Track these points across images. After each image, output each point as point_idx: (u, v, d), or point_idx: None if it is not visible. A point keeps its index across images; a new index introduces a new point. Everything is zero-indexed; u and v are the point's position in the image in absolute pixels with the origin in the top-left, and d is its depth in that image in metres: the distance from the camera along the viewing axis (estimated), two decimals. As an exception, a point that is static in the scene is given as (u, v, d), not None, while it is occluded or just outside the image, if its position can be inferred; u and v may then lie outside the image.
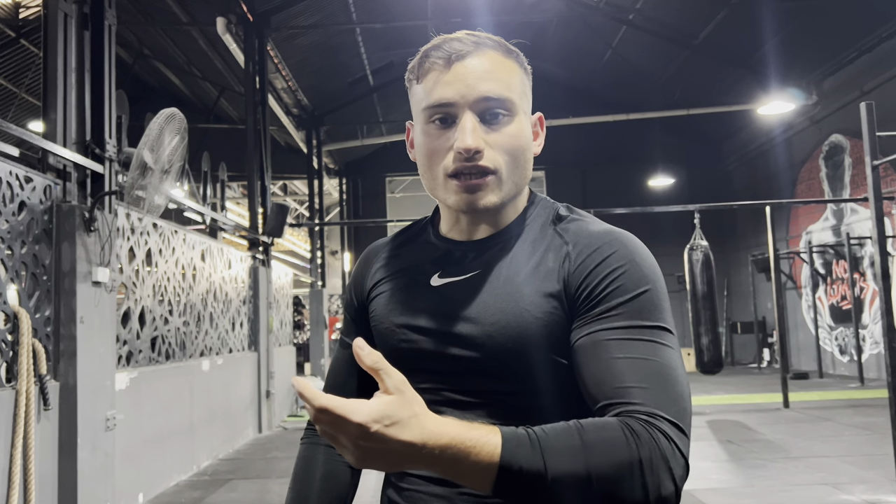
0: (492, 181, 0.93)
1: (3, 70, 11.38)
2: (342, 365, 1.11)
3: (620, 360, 0.82)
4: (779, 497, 4.61)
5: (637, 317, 0.85)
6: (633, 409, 0.78)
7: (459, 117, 0.92)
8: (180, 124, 4.11)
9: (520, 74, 0.99)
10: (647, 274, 0.89)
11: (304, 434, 1.13)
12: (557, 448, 0.72)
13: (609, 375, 0.82)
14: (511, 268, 0.95)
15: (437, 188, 0.96)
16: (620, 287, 0.87)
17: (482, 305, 0.93)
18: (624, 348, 0.83)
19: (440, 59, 0.94)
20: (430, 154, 0.96)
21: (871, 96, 10.18)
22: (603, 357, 0.83)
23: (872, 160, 4.62)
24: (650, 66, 13.97)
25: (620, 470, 0.72)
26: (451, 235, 1.02)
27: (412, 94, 1.01)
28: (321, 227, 14.44)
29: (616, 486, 0.72)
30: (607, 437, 0.74)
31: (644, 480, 0.72)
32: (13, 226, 3.69)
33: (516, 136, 0.95)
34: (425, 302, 0.98)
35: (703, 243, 8.00)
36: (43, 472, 3.76)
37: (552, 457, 0.72)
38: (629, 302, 0.86)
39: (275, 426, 8.51)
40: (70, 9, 4.32)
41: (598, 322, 0.86)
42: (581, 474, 0.71)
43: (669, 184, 16.22)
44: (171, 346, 5.86)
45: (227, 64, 11.95)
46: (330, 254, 17.67)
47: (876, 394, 9.39)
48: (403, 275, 1.04)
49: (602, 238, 0.92)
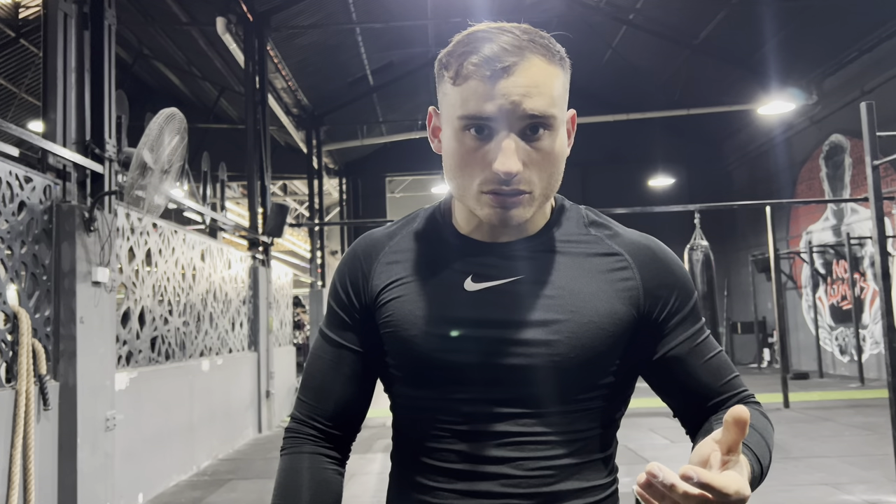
0: (525, 199, 0.90)
1: (3, 70, 11.38)
2: (333, 367, 1.02)
3: (710, 361, 0.99)
4: (779, 497, 4.61)
5: (698, 319, 1.00)
6: (743, 395, 1.00)
7: (498, 132, 0.88)
8: (180, 124, 4.11)
9: (562, 79, 0.94)
10: (690, 279, 1.02)
11: (283, 444, 1.04)
12: (754, 445, 0.88)
13: (711, 376, 0.98)
14: (560, 274, 0.94)
15: (468, 198, 0.92)
16: (684, 297, 0.99)
17: (536, 311, 0.92)
18: (706, 350, 0.99)
19: (484, 68, 0.87)
20: (463, 164, 0.91)
21: (872, 96, 10.17)
22: (698, 363, 0.98)
23: (872, 160, 4.62)
24: (650, 66, 13.97)
25: (773, 438, 0.96)
26: (475, 236, 0.98)
27: (443, 90, 0.93)
28: (321, 227, 14.44)
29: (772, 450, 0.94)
30: (763, 423, 0.94)
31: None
32: (13, 226, 3.69)
33: (556, 154, 0.92)
34: (462, 308, 0.94)
35: (703, 243, 8.00)
36: (43, 472, 3.76)
37: (760, 455, 0.88)
38: (692, 308, 1.00)
39: (275, 426, 8.51)
40: (70, 9, 4.32)
41: (678, 332, 0.98)
42: (769, 454, 0.91)
43: (669, 184, 16.21)
44: (171, 346, 5.85)
45: (227, 64, 11.95)
46: (330, 254, 17.67)
47: (876, 394, 9.39)
48: (427, 277, 0.97)
49: (654, 250, 1.00)
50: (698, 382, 0.98)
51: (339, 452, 1.04)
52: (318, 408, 1.02)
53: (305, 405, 1.03)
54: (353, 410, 1.04)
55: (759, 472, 0.85)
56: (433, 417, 0.95)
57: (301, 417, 1.03)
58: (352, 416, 1.04)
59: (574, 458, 0.93)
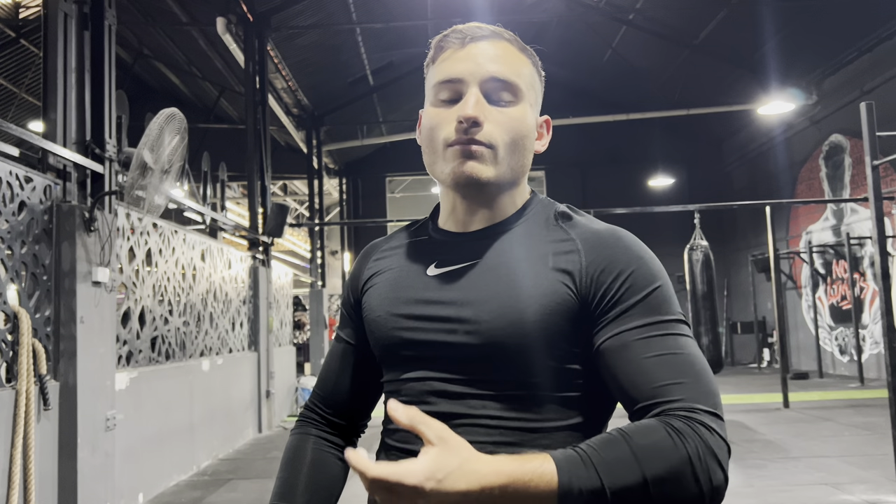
0: (487, 153, 0.93)
1: (3, 70, 11.38)
2: (336, 359, 1.12)
3: (650, 360, 0.85)
4: (779, 497, 4.61)
5: (655, 312, 0.88)
6: (671, 406, 0.80)
7: (465, 93, 0.95)
8: (180, 124, 4.11)
9: (530, 69, 1.00)
10: (656, 271, 0.92)
11: (294, 426, 1.14)
12: (611, 462, 0.74)
13: (642, 377, 0.84)
14: (511, 256, 0.95)
15: (436, 161, 0.97)
16: (634, 286, 0.89)
17: (480, 292, 0.93)
18: (650, 346, 0.85)
19: (456, 40, 0.98)
20: (432, 128, 0.97)
21: (871, 96, 10.17)
22: (632, 359, 0.85)
23: (872, 160, 4.62)
24: (650, 66, 13.97)
25: (673, 470, 0.74)
26: (448, 227, 1.03)
27: (428, 77, 1.02)
28: (321, 227, 14.44)
29: (672, 486, 0.74)
30: (655, 440, 0.76)
31: (696, 475, 0.75)
32: (13, 226, 3.69)
33: (518, 119, 0.96)
34: (420, 291, 0.98)
35: (703, 243, 8.00)
36: (43, 472, 3.76)
37: (607, 472, 0.73)
38: (645, 299, 0.88)
39: (275, 426, 8.51)
40: (70, 9, 4.32)
41: (618, 323, 0.88)
42: (638, 483, 0.73)
43: (669, 184, 16.22)
44: (171, 346, 5.86)
45: (227, 64, 11.95)
46: (330, 254, 17.67)
47: (876, 394, 9.39)
48: (399, 267, 1.04)
49: (609, 237, 0.94)
50: (628, 380, 0.85)
51: (342, 439, 1.11)
52: (323, 397, 1.12)
53: (315, 394, 1.14)
54: (354, 399, 1.11)
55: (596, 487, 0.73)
56: (394, 398, 0.98)
57: (310, 405, 1.14)
58: (354, 405, 1.11)
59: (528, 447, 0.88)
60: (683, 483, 0.75)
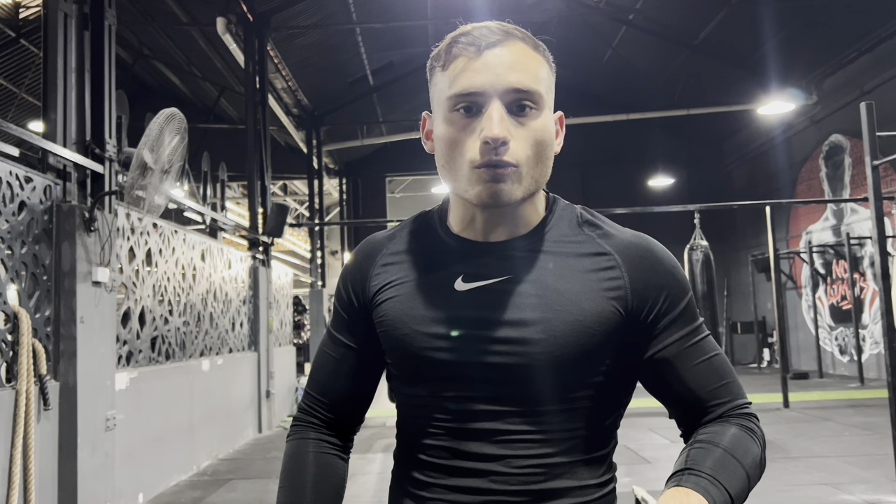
0: (514, 173, 0.90)
1: (3, 70, 11.38)
2: (336, 363, 1.07)
3: (700, 365, 0.96)
4: (779, 497, 4.61)
5: (692, 320, 0.97)
6: (729, 407, 0.95)
7: (487, 106, 0.90)
8: (180, 124, 4.11)
9: (546, 69, 0.96)
10: (683, 280, 0.99)
11: (289, 431, 1.10)
12: (727, 475, 0.87)
13: (699, 381, 0.95)
14: (547, 272, 0.94)
15: (459, 179, 0.92)
16: (674, 297, 0.96)
17: (524, 310, 0.92)
18: (697, 353, 0.96)
19: (470, 46, 0.92)
20: (452, 143, 0.92)
21: (871, 96, 10.17)
22: (687, 366, 0.95)
23: (872, 160, 4.62)
24: (650, 66, 13.97)
25: (760, 462, 0.93)
26: (466, 235, 0.99)
27: (434, 82, 0.96)
28: (321, 227, 14.44)
29: (759, 472, 0.93)
30: (746, 446, 0.91)
31: (764, 457, 0.94)
32: (13, 226, 3.69)
33: (542, 130, 0.92)
34: (452, 307, 0.95)
35: (703, 243, 8.00)
36: (43, 472, 3.76)
37: (729, 484, 0.86)
38: (684, 309, 0.97)
39: (275, 426, 8.51)
40: (70, 9, 4.32)
41: (667, 334, 0.95)
42: (745, 481, 0.88)
43: (669, 184, 16.22)
44: (171, 346, 5.86)
45: (227, 64, 11.96)
46: (330, 254, 17.68)
47: (876, 394, 9.39)
48: (419, 277, 0.99)
49: (643, 250, 0.97)
50: (685, 387, 0.95)
51: (340, 440, 1.10)
52: (321, 400, 1.09)
53: (310, 396, 1.10)
54: (353, 403, 1.09)
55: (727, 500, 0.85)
56: (426, 414, 0.97)
57: (306, 407, 1.10)
58: (353, 408, 1.10)
59: (564, 456, 0.93)
60: (762, 466, 0.93)
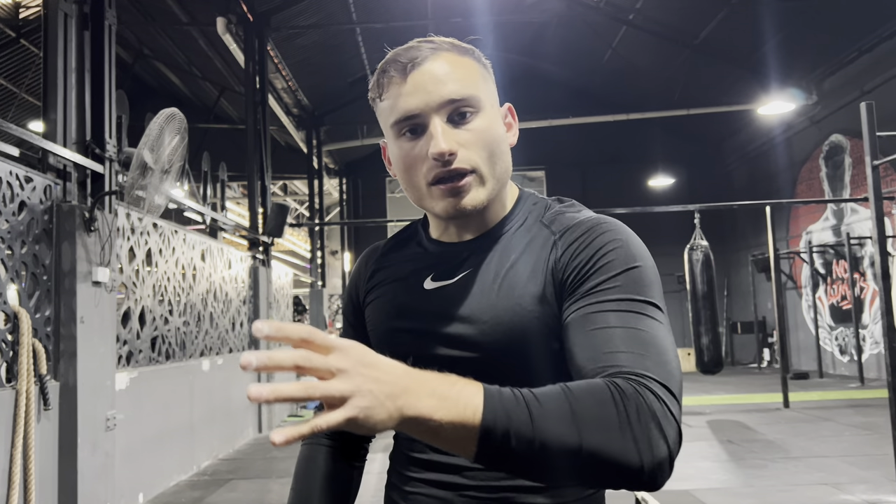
0: (473, 180, 0.92)
1: (3, 70, 11.38)
2: None
3: (610, 329, 0.80)
4: (779, 497, 4.61)
5: (627, 291, 0.83)
6: (620, 370, 0.74)
7: (428, 124, 0.91)
8: (180, 124, 4.11)
9: (478, 69, 0.96)
10: (636, 253, 0.87)
11: None
12: (547, 411, 0.67)
13: (598, 342, 0.79)
14: (500, 264, 0.95)
15: (423, 198, 0.95)
16: (609, 264, 0.86)
17: (475, 305, 0.93)
18: (614, 319, 0.81)
19: (396, 72, 0.92)
20: (407, 167, 0.94)
21: (871, 96, 10.18)
22: (592, 327, 0.81)
23: (872, 160, 4.62)
24: (650, 66, 13.97)
25: (609, 429, 0.67)
26: (443, 239, 1.03)
27: (379, 112, 0.98)
28: (321, 227, 14.44)
29: (607, 445, 0.67)
30: (597, 397, 0.69)
31: (634, 436, 0.68)
32: (13, 226, 3.69)
33: (486, 129, 0.93)
34: (418, 305, 0.98)
35: (703, 243, 8.00)
36: (43, 472, 3.76)
37: (541, 420, 0.67)
38: (618, 276, 0.84)
39: (275, 426, 8.51)
40: (70, 9, 4.32)
41: (588, 297, 0.85)
42: (573, 439, 0.67)
43: (669, 184, 16.21)
44: (171, 346, 5.86)
45: (227, 64, 11.95)
46: (330, 254, 17.67)
47: (876, 394, 9.39)
48: (397, 280, 1.04)
49: (589, 223, 0.92)
50: (579, 349, 0.81)
51: (353, 447, 1.12)
52: None
53: None
54: None
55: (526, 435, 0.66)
56: None
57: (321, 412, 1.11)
58: None
59: None
60: (619, 445, 0.67)
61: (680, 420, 0.72)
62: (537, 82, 15.18)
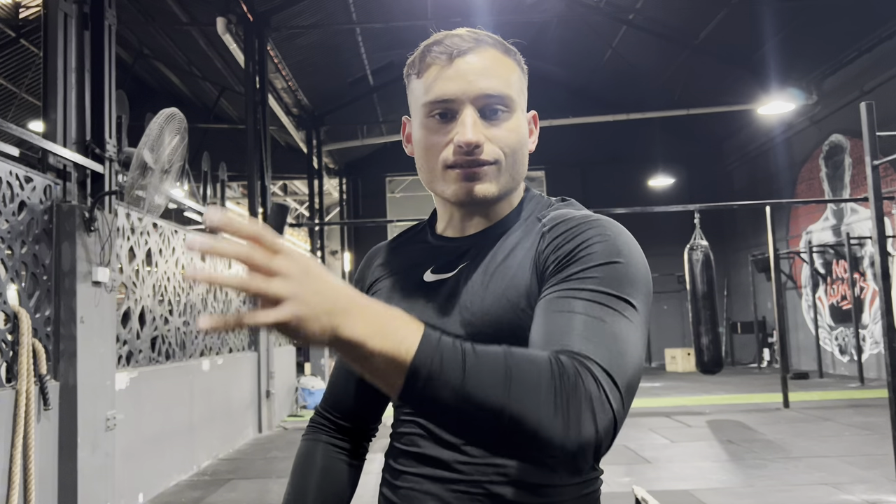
0: (491, 170, 0.93)
1: (3, 70, 11.38)
2: (346, 366, 1.11)
3: (573, 314, 0.77)
4: (779, 497, 4.61)
5: (602, 284, 0.80)
6: (569, 350, 0.72)
7: (460, 112, 0.93)
8: (180, 124, 4.11)
9: (518, 72, 0.99)
10: (622, 249, 0.84)
11: (305, 430, 1.15)
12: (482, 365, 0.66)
13: (557, 325, 0.77)
14: (495, 258, 0.96)
15: (435, 180, 0.97)
16: (590, 255, 0.84)
17: (466, 297, 0.94)
18: (580, 306, 0.78)
19: (442, 55, 0.95)
20: (428, 147, 0.96)
21: (871, 96, 10.18)
22: (556, 310, 0.79)
23: (872, 160, 4.62)
24: (650, 66, 13.97)
25: (539, 398, 0.66)
26: (447, 233, 1.04)
27: (411, 88, 1.02)
28: (321, 227, 14.44)
29: (532, 413, 0.65)
30: (534, 364, 0.67)
31: (563, 412, 0.66)
32: (13, 226, 3.69)
33: (515, 130, 0.95)
34: (417, 299, 0.99)
35: (703, 243, 8.00)
36: (43, 472, 3.76)
37: (474, 373, 0.65)
38: (597, 268, 0.82)
39: (275, 426, 8.51)
40: (70, 9, 4.32)
41: (561, 284, 0.82)
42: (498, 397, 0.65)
43: (669, 184, 16.22)
44: (171, 345, 5.86)
45: (227, 64, 11.96)
46: (330, 254, 17.67)
47: (876, 394, 9.39)
48: (399, 274, 1.05)
49: (580, 218, 0.91)
50: (532, 333, 0.80)
51: (351, 444, 1.12)
52: (331, 401, 1.13)
53: (326, 400, 1.15)
54: (364, 406, 1.11)
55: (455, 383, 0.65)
56: (398, 404, 1.01)
57: (321, 410, 1.15)
58: (363, 411, 1.12)
59: None
60: (545, 415, 0.65)
61: (618, 412, 0.70)
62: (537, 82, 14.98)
